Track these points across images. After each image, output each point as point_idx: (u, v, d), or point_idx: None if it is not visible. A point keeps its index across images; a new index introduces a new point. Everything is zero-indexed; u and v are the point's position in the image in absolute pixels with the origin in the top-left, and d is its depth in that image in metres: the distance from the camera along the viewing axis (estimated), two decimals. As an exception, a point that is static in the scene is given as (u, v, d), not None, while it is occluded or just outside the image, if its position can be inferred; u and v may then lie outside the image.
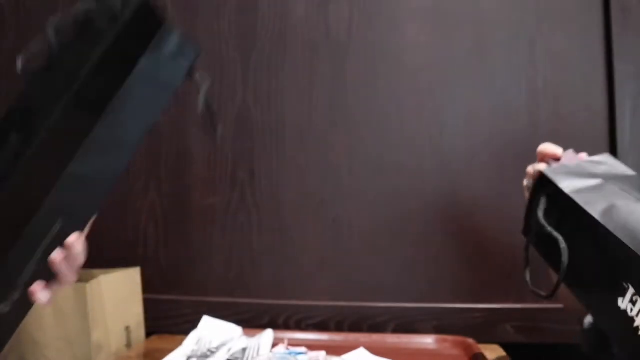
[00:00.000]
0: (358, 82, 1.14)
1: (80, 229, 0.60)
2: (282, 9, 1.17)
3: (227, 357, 0.89)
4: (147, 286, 1.11)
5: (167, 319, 1.14)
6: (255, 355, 0.89)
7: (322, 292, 1.13)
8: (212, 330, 1.00)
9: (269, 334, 0.97)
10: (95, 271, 1.01)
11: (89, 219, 0.62)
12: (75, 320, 0.91)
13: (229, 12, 1.18)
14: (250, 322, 1.10)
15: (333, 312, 1.12)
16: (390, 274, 1.12)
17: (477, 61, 1.12)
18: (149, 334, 1.10)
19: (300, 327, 1.12)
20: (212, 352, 0.91)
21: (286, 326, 1.11)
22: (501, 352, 1.00)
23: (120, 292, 1.01)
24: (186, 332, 0.98)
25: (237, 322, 1.04)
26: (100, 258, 1.11)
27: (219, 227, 1.16)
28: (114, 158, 0.60)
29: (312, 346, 0.95)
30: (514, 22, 1.12)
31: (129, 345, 1.02)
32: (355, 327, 1.11)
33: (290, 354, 0.87)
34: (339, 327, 1.11)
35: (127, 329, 1.02)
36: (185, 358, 0.89)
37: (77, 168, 0.55)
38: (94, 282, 0.92)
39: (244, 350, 0.91)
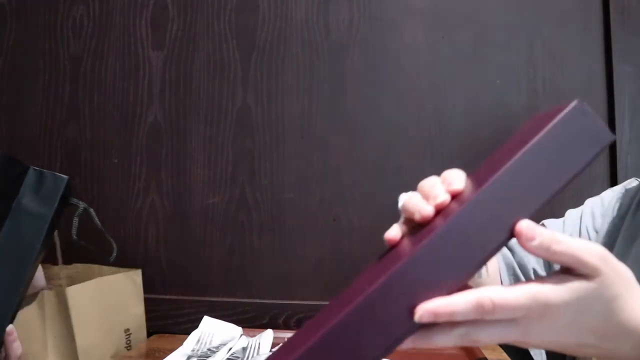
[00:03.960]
0: (358, 82, 1.15)
1: None
2: (282, 9, 1.17)
3: (227, 356, 0.89)
4: (148, 286, 1.11)
5: (168, 319, 1.14)
6: (255, 354, 0.89)
7: (322, 292, 1.13)
8: (212, 330, 1.00)
9: (269, 334, 0.97)
10: (94, 267, 1.01)
11: None
12: (60, 324, 0.90)
13: (229, 12, 1.18)
14: (251, 321, 1.10)
15: (333, 311, 1.12)
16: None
17: (477, 61, 1.12)
18: (149, 333, 1.10)
19: (300, 327, 1.12)
20: (213, 352, 0.91)
21: (286, 326, 1.12)
22: (501, 352, 1.00)
23: (119, 294, 1.00)
24: (186, 332, 0.98)
25: (238, 322, 1.04)
26: (100, 258, 1.11)
27: (219, 227, 1.16)
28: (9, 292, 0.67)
29: (312, 346, 0.95)
30: (513, 22, 1.12)
31: (128, 347, 1.01)
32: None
33: (290, 353, 0.87)
34: (339, 327, 1.11)
35: (127, 331, 1.01)
36: (186, 358, 0.89)
37: None
38: (75, 288, 0.89)
39: (244, 349, 0.91)
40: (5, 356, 0.64)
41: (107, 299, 0.96)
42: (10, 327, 0.65)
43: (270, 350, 0.92)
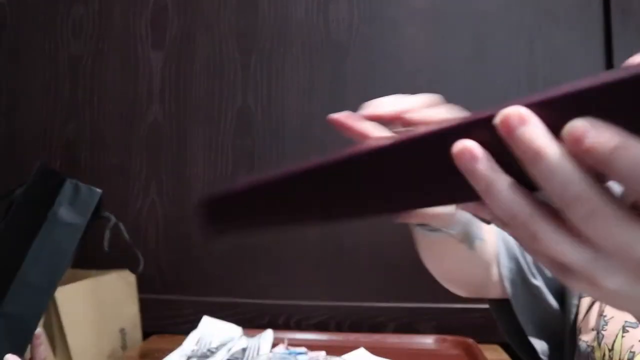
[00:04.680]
0: (358, 82, 1.14)
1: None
2: (282, 9, 1.17)
3: (227, 357, 0.89)
4: (147, 286, 1.11)
5: (167, 319, 1.14)
6: (255, 355, 0.89)
7: (322, 292, 1.13)
8: (212, 330, 1.00)
9: (269, 334, 0.97)
10: (91, 272, 1.00)
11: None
12: (74, 322, 0.90)
13: (229, 12, 1.18)
14: (250, 322, 1.10)
15: (333, 312, 1.12)
16: (390, 274, 1.12)
17: (477, 61, 1.12)
18: (149, 334, 1.10)
19: (300, 327, 1.12)
20: (212, 352, 0.91)
21: (286, 326, 1.11)
22: (501, 352, 1.00)
23: (112, 294, 0.99)
24: (186, 332, 0.98)
25: (237, 322, 1.04)
26: (99, 258, 1.11)
27: (219, 227, 1.16)
28: (40, 291, 0.70)
29: (312, 346, 0.95)
30: (513, 22, 1.12)
31: (124, 347, 1.01)
32: (355, 327, 1.11)
33: (290, 354, 0.87)
34: (339, 327, 1.11)
35: (122, 330, 1.01)
36: (185, 358, 0.89)
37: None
38: (64, 289, 0.89)
39: (244, 350, 0.91)
40: (30, 358, 0.66)
41: (100, 299, 0.96)
42: (38, 331, 0.67)
43: (271, 351, 0.92)
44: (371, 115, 0.35)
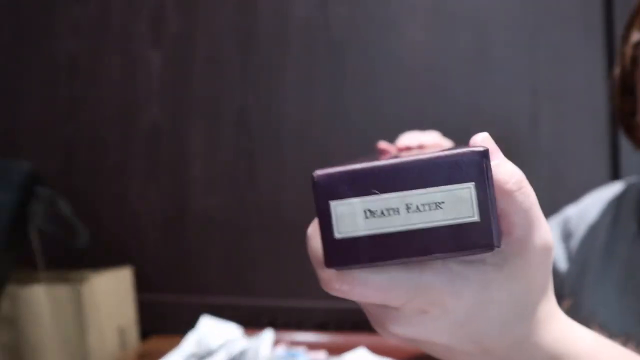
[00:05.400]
0: (358, 82, 1.14)
1: None
2: (282, 9, 1.16)
3: (226, 357, 0.88)
4: (147, 286, 1.10)
5: (167, 320, 1.14)
6: (255, 356, 0.89)
7: (322, 293, 1.12)
8: (211, 331, 0.99)
9: (269, 334, 0.97)
10: (86, 271, 1.01)
11: None
12: (71, 322, 0.90)
13: (229, 12, 1.18)
14: (250, 322, 1.10)
15: (333, 312, 1.12)
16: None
17: (478, 61, 1.12)
18: (148, 334, 1.10)
19: (300, 327, 1.11)
20: (212, 352, 0.91)
21: (286, 326, 1.11)
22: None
23: (112, 293, 1.00)
24: (186, 333, 0.98)
25: (237, 323, 1.04)
26: (99, 258, 1.11)
27: (219, 227, 1.16)
28: None
29: (312, 346, 0.95)
30: (515, 21, 1.12)
31: (123, 346, 1.01)
32: (355, 328, 1.10)
33: (290, 354, 0.87)
34: (339, 327, 1.11)
35: (121, 330, 1.01)
36: (185, 358, 0.89)
37: None
38: (88, 284, 0.91)
39: (244, 350, 0.91)
40: None
41: (101, 298, 0.96)
42: None
43: (271, 351, 0.91)
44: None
